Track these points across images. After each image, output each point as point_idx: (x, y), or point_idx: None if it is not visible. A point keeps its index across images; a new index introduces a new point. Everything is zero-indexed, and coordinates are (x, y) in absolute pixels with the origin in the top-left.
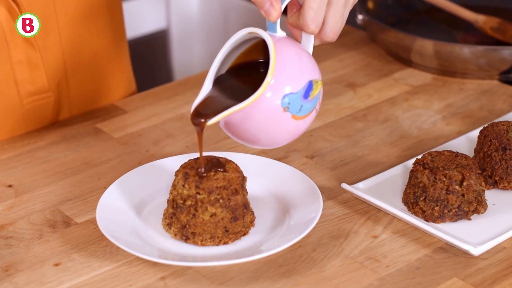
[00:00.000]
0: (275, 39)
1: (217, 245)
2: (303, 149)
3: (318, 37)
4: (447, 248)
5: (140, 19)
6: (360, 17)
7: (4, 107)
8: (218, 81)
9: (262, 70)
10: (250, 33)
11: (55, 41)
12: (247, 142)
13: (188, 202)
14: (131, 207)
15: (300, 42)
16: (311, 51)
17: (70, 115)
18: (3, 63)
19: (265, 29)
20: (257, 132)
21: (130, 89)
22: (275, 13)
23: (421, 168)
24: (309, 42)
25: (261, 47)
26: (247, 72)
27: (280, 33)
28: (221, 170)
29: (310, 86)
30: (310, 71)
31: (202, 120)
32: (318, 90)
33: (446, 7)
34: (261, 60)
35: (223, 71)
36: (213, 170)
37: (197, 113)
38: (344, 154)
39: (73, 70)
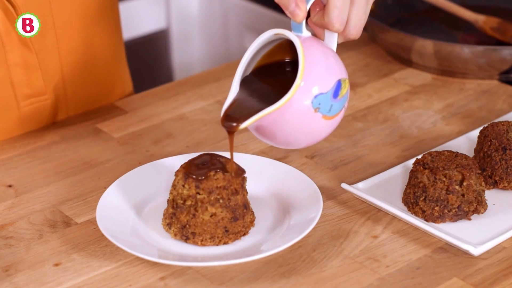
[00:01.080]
0: (302, 40)
1: (217, 245)
2: (303, 149)
3: (342, 35)
4: (447, 248)
5: (140, 19)
6: None
7: (0, 110)
8: (244, 83)
9: (288, 69)
10: (276, 34)
11: (52, 44)
12: (278, 144)
13: (188, 202)
14: (131, 207)
15: (323, 41)
16: (335, 49)
17: (68, 117)
18: None
19: (289, 29)
20: (288, 134)
21: (126, 91)
22: (301, 13)
23: (421, 168)
24: (333, 40)
25: (285, 47)
26: (273, 74)
27: (306, 33)
28: (222, 170)
29: (339, 85)
30: (338, 70)
31: (234, 124)
32: (346, 89)
33: (446, 7)
34: (286, 60)
35: (248, 72)
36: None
37: (227, 117)
38: (344, 154)
39: (70, 72)
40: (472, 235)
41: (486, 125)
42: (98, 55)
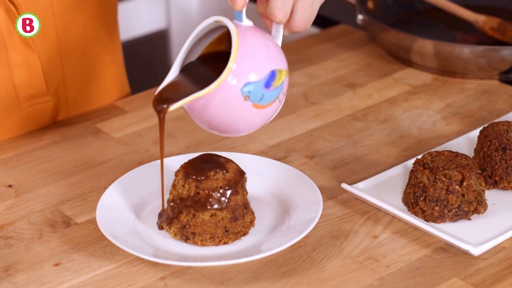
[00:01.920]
0: (241, 28)
1: (217, 245)
2: (303, 149)
3: (287, 27)
4: (447, 248)
5: (140, 19)
6: (360, 17)
7: (2, 110)
8: (186, 68)
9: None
10: (216, 21)
11: (53, 45)
12: (212, 130)
13: (188, 202)
14: (131, 207)
15: (271, 32)
16: (279, 41)
17: (68, 118)
18: (1, 66)
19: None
20: (219, 120)
21: (124, 92)
22: (240, 1)
23: (421, 168)
24: (278, 32)
25: (230, 36)
26: (216, 61)
27: (247, 22)
28: (222, 170)
29: (272, 75)
30: (274, 60)
31: (165, 106)
32: (281, 80)
33: (446, 7)
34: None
35: (193, 58)
36: (212, 170)
37: (158, 99)
38: (344, 154)
39: (70, 74)
40: (472, 235)
41: (486, 125)
42: (99, 56)
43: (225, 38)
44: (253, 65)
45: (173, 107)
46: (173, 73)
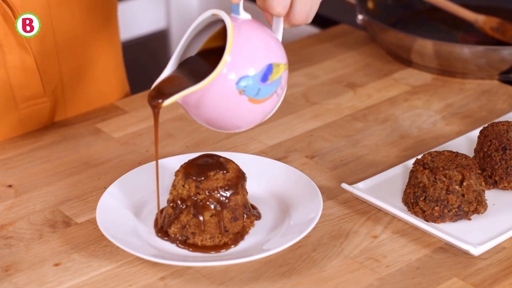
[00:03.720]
0: (238, 21)
1: (217, 245)
2: (303, 149)
3: (287, 20)
4: (447, 248)
5: (140, 19)
6: (360, 17)
7: None
8: (184, 63)
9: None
10: (213, 14)
11: (51, 46)
12: (209, 126)
13: (188, 202)
14: (131, 207)
15: (272, 26)
16: (279, 35)
17: (67, 118)
18: None
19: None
20: (215, 115)
21: (123, 92)
22: None
23: (421, 168)
24: (278, 26)
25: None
26: (214, 56)
27: (244, 15)
28: (223, 170)
29: (269, 69)
30: (271, 54)
31: (159, 101)
32: (279, 74)
33: (446, 7)
34: None
35: (193, 53)
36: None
37: (154, 94)
38: (344, 154)
39: (68, 75)
40: (472, 235)
41: (486, 125)
42: (97, 58)
43: (224, 32)
44: (248, 58)
45: (168, 101)
46: (169, 68)
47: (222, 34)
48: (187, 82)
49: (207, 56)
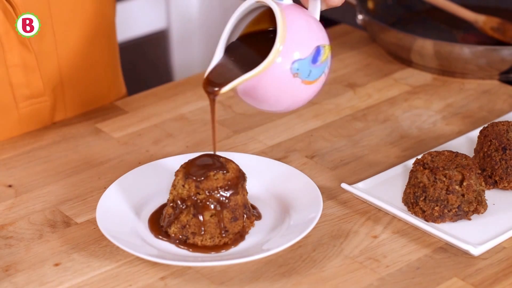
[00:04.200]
0: (283, 7)
1: (217, 245)
2: (303, 149)
3: (325, 2)
4: (447, 248)
5: (140, 19)
6: (360, 17)
7: None
8: (229, 49)
9: (272, 36)
10: (258, 1)
11: (51, 45)
12: (264, 107)
13: (188, 202)
14: (131, 207)
15: (307, 8)
16: (318, 17)
17: (67, 118)
18: None
19: None
20: (269, 98)
21: (120, 94)
22: None
23: (421, 168)
24: (315, 8)
25: (270, 15)
26: (257, 40)
27: (287, 0)
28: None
29: (318, 51)
30: (318, 36)
31: (216, 89)
32: (326, 55)
33: (446, 7)
34: (271, 29)
35: (234, 39)
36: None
37: (209, 81)
38: (344, 154)
39: (68, 74)
40: (472, 235)
41: (486, 125)
42: (96, 57)
43: (264, 17)
44: (299, 42)
45: (225, 89)
46: (218, 55)
47: (262, 19)
48: (239, 68)
49: (252, 41)
